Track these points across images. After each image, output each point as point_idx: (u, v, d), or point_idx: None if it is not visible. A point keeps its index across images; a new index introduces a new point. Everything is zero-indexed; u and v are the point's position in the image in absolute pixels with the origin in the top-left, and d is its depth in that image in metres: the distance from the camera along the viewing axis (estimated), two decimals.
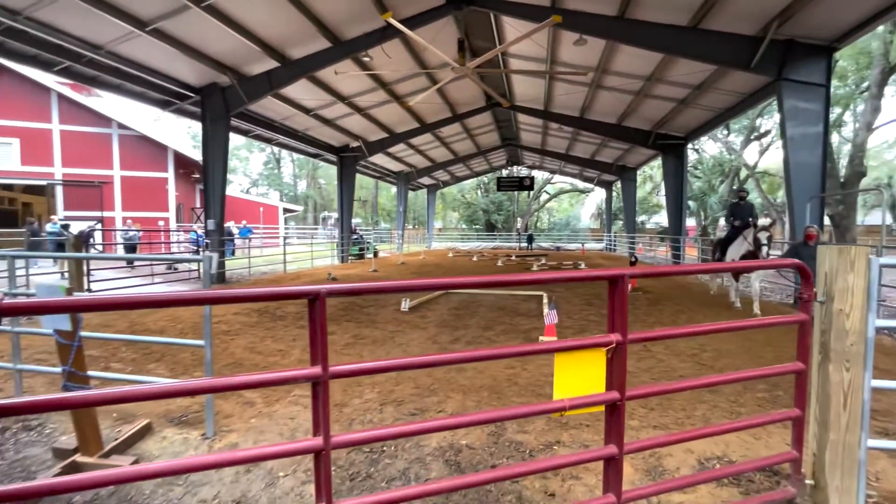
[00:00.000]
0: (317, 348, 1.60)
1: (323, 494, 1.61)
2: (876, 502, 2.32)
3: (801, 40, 8.43)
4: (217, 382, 1.56)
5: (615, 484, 1.94)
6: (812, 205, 8.36)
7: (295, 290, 1.61)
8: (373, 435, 1.78)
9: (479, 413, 1.91)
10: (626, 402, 1.90)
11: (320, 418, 1.60)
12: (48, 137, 17.71)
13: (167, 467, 1.58)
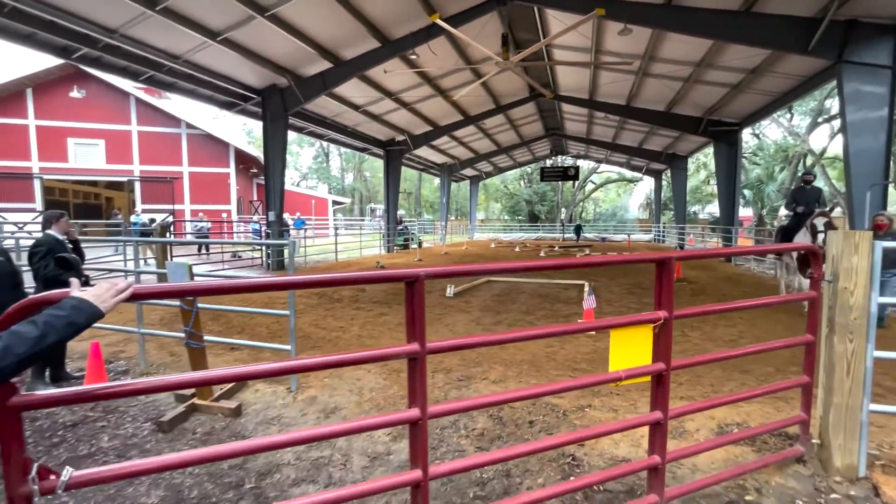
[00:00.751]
0: (414, 326, 1.67)
1: (419, 461, 1.70)
2: (882, 463, 2.54)
3: (865, 20, 8.01)
4: (329, 360, 1.63)
5: (660, 447, 2.12)
6: (873, 192, 8.01)
7: (396, 274, 1.70)
8: (464, 405, 1.89)
9: (560, 382, 2.10)
10: (670, 372, 2.08)
11: (417, 391, 1.69)
12: (128, 138, 19.63)
13: (303, 436, 1.69)
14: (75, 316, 1.22)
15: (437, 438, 3.00)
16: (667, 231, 27.10)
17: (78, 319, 1.22)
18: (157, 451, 2.91)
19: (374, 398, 3.63)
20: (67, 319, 1.21)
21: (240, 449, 1.63)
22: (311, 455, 2.84)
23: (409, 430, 1.75)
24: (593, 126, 21.67)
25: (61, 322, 1.20)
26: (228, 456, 1.63)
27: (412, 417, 1.69)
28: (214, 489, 2.51)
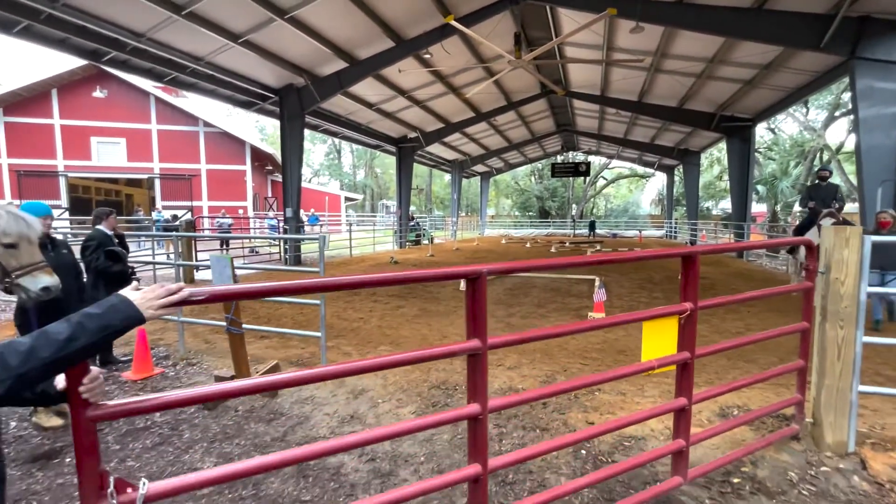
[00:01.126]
0: (476, 323, 1.65)
1: (479, 456, 1.70)
2: (872, 441, 2.75)
3: (878, 16, 8.03)
4: (385, 360, 1.58)
5: (684, 431, 2.22)
6: (884, 189, 8.06)
7: (459, 271, 1.69)
8: (522, 398, 1.96)
9: (602, 374, 2.17)
10: (694, 360, 2.19)
11: (478, 387, 1.68)
12: (148, 136, 20.18)
13: (386, 433, 1.69)
14: (110, 317, 1.08)
15: None
16: (679, 227, 27.01)
17: (113, 321, 1.08)
18: (204, 426, 3.21)
19: (398, 381, 3.91)
20: (101, 321, 1.07)
21: (330, 447, 1.57)
22: (344, 429, 3.13)
23: (468, 425, 1.73)
24: (605, 122, 21.68)
25: (94, 323, 1.07)
26: (319, 455, 1.57)
27: (473, 413, 1.67)
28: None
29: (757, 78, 12.03)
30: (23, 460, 2.79)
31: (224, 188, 21.14)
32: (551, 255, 16.04)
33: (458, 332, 5.52)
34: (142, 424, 3.24)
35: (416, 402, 3.54)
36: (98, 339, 1.07)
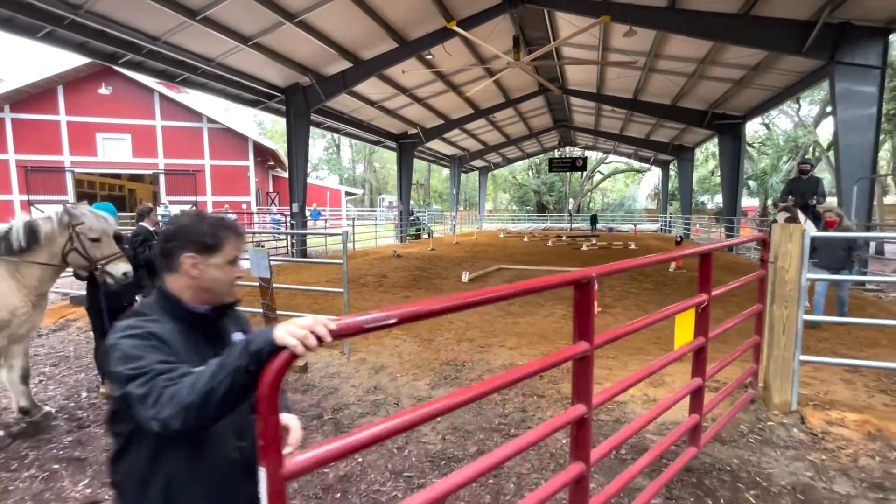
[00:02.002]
0: (585, 326, 1.66)
1: (581, 454, 1.72)
2: (814, 403, 3.29)
3: (856, 23, 8.50)
4: (508, 379, 1.45)
5: (698, 408, 2.52)
6: (860, 186, 8.61)
7: (570, 277, 1.63)
8: (619, 389, 2.07)
9: (651, 366, 2.24)
10: (708, 344, 2.47)
11: (585, 388, 1.69)
12: (152, 132, 20.49)
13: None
14: (253, 337, 0.89)
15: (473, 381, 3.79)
16: (673, 221, 27.58)
17: (241, 361, 0.87)
18: None
19: (413, 360, 4.43)
20: (235, 363, 0.87)
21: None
22: (370, 398, 3.65)
23: (573, 425, 1.71)
24: (601, 118, 22.14)
25: (242, 345, 0.89)
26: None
27: (579, 413, 1.68)
28: (302, 419, 3.32)
29: (746, 78, 12.52)
30: (102, 421, 3.30)
31: (227, 183, 21.50)
32: (548, 248, 16.56)
33: (461, 318, 6.03)
34: None
35: (430, 376, 4.07)
36: (239, 362, 0.86)
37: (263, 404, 0.85)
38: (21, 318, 3.00)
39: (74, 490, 2.51)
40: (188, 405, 0.87)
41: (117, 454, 1.11)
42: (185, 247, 1.13)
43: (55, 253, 3.06)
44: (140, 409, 0.92)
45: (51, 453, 2.88)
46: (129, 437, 1.07)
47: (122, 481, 1.11)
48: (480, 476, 1.42)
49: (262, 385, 0.85)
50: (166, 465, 1.06)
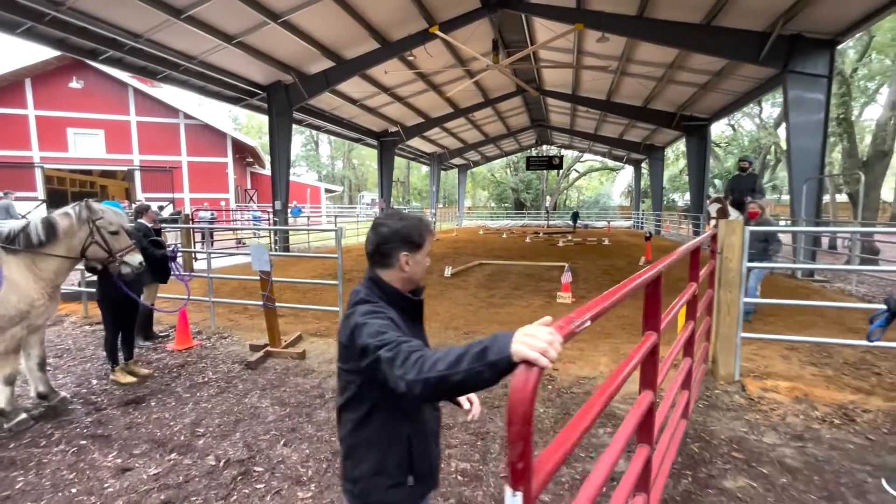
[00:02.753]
0: (655, 318, 1.78)
1: (647, 438, 1.83)
2: (754, 374, 3.82)
3: (807, 35, 9.23)
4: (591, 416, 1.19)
5: (688, 383, 2.81)
6: (809, 185, 9.38)
7: (641, 277, 1.59)
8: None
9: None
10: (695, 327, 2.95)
11: (651, 377, 1.79)
12: (127, 128, 20.11)
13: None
14: (490, 344, 0.91)
15: None
16: (645, 218, 28.63)
17: (476, 365, 0.90)
18: (252, 380, 4.01)
19: None
20: (471, 365, 0.91)
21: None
22: None
23: (643, 412, 1.73)
24: (576, 118, 22.84)
25: (478, 347, 0.92)
26: None
27: (650, 401, 1.74)
28: (306, 398, 3.65)
29: (710, 83, 13.27)
30: (117, 404, 3.55)
31: (205, 180, 21.29)
32: (526, 244, 17.11)
33: (446, 310, 6.41)
34: (201, 380, 4.02)
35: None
36: (474, 365, 0.90)
37: (516, 430, 0.79)
38: (39, 309, 3.22)
39: (105, 461, 2.78)
40: (426, 379, 0.96)
41: (360, 422, 1.28)
42: (400, 247, 1.30)
43: (74, 246, 3.29)
44: (389, 369, 1.05)
45: (75, 432, 3.13)
46: (374, 406, 1.26)
47: (366, 441, 1.29)
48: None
49: (514, 413, 0.79)
50: (408, 426, 1.29)
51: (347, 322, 1.24)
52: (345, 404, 1.32)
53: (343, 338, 1.25)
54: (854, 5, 8.38)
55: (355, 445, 1.31)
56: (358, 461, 1.30)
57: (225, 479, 2.60)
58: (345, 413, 1.32)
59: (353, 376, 1.26)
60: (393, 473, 1.28)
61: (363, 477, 1.29)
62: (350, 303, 1.30)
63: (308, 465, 2.74)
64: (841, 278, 9.13)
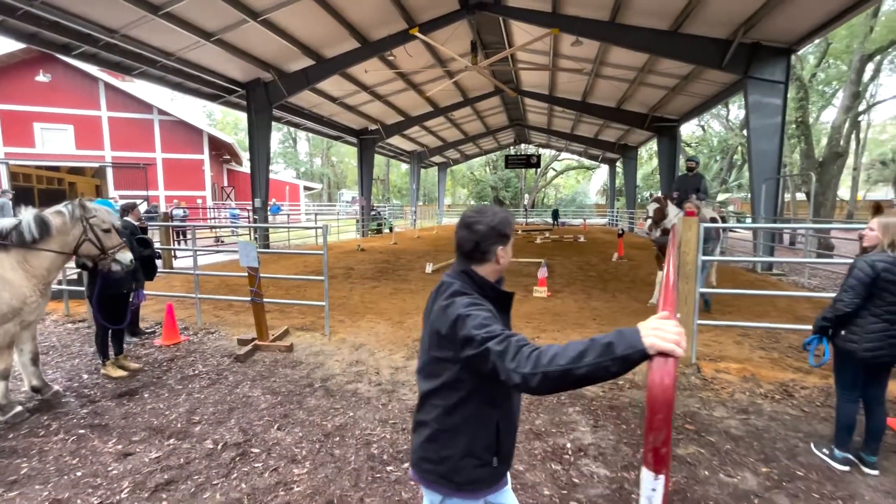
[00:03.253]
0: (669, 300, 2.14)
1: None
2: (710, 358, 4.20)
3: (765, 43, 9.82)
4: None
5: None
6: (767, 185, 9.99)
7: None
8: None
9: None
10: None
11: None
12: (98, 123, 19.57)
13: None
14: (617, 340, 0.96)
15: None
16: (620, 215, 29.47)
17: (603, 360, 0.96)
18: (242, 372, 4.17)
19: (388, 338, 5.02)
20: (598, 359, 0.97)
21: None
22: (353, 370, 4.21)
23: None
24: (553, 118, 23.36)
25: (601, 344, 0.98)
26: None
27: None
28: (296, 387, 3.84)
29: (679, 86, 13.86)
30: (111, 396, 3.66)
31: (181, 177, 20.91)
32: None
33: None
34: (191, 373, 4.16)
35: (404, 350, 4.68)
36: (601, 360, 0.96)
37: (660, 418, 0.84)
38: (31, 306, 3.31)
39: (106, 447, 2.93)
40: (546, 373, 1.00)
41: (451, 407, 1.32)
42: (497, 241, 1.35)
43: (68, 243, 3.40)
44: (500, 362, 1.09)
45: (72, 422, 3.25)
46: (469, 393, 1.30)
47: (457, 426, 1.33)
48: None
49: (657, 402, 0.84)
50: (497, 413, 1.34)
51: (446, 312, 1.26)
52: (435, 390, 1.34)
53: (442, 327, 1.27)
54: (807, 17, 8.97)
55: (444, 429, 1.34)
56: (446, 443, 1.34)
57: (224, 459, 2.78)
58: (433, 398, 1.35)
59: (448, 364, 1.29)
60: (481, 455, 1.34)
61: (451, 458, 1.34)
62: (444, 294, 1.33)
63: (302, 445, 2.95)
64: (796, 272, 9.77)
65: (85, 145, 19.37)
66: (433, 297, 1.40)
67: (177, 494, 2.45)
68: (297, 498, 2.43)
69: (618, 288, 7.97)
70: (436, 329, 1.30)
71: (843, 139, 15.75)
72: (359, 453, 2.85)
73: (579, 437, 3.05)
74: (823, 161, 15.85)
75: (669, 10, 9.65)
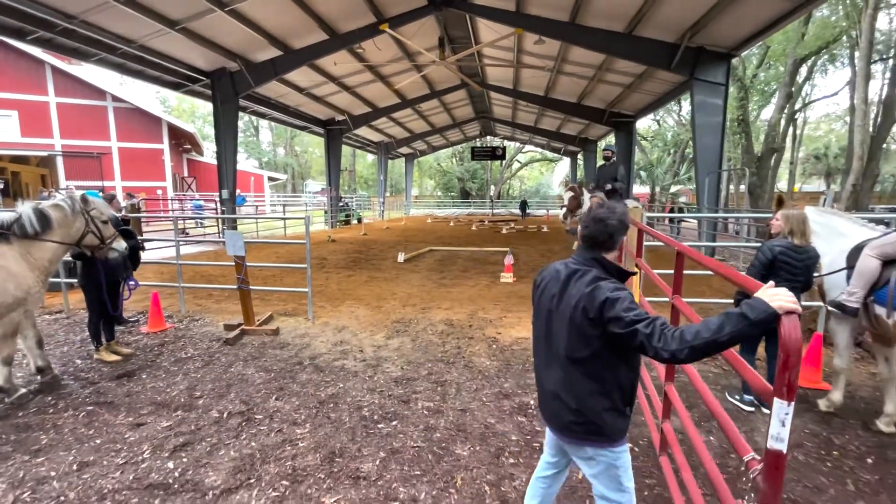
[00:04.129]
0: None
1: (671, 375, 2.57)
2: None
3: (709, 48, 10.69)
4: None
5: None
6: (710, 179, 10.95)
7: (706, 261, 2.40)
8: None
9: None
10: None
11: None
12: (45, 110, 18.50)
13: None
14: (747, 310, 1.21)
15: (419, 332, 4.87)
16: None
17: (741, 326, 1.21)
18: (234, 354, 4.46)
19: (368, 320, 5.41)
20: (736, 327, 1.22)
21: None
22: (338, 349, 4.59)
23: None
24: (518, 112, 24.02)
25: (735, 313, 1.23)
26: None
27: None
28: (287, 365, 4.18)
29: (634, 84, 14.72)
30: (109, 378, 3.89)
31: (139, 168, 20.14)
32: (472, 232, 18.04)
33: (403, 290, 7.06)
34: (185, 355, 4.41)
35: (384, 331, 5.09)
36: (739, 327, 1.22)
37: (793, 360, 1.12)
38: (35, 296, 3.49)
39: (117, 420, 3.20)
40: (693, 346, 1.27)
41: (597, 372, 1.60)
42: (623, 232, 1.65)
43: (71, 235, 3.59)
44: (648, 342, 1.36)
45: (78, 401, 3.48)
46: (611, 360, 1.57)
47: (601, 385, 1.60)
48: None
49: (791, 349, 1.11)
50: (631, 374, 1.63)
51: (593, 295, 1.53)
52: (582, 358, 1.60)
53: (590, 307, 1.53)
54: (745, 24, 9.84)
55: (591, 391, 1.61)
56: (593, 400, 1.61)
57: (231, 425, 3.13)
58: (580, 365, 1.61)
59: (594, 339, 1.56)
60: (619, 408, 1.62)
61: (597, 410, 1.61)
62: (585, 280, 1.60)
63: (300, 412, 3.33)
64: (735, 256, 10.82)
65: (31, 133, 18.29)
66: (563, 282, 1.67)
67: (194, 453, 2.79)
68: (302, 451, 2.82)
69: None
70: (582, 306, 1.55)
71: (779, 136, 17.22)
72: (352, 415, 3.27)
73: None
74: (761, 156, 17.32)
75: (624, 13, 10.32)
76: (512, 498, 2.39)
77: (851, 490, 2.51)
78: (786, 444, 1.19)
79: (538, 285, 1.80)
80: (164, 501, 2.35)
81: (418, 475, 2.58)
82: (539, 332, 1.78)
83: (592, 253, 1.66)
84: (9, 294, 3.29)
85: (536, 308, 1.80)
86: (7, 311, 3.32)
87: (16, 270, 3.34)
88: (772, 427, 1.20)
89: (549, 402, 1.73)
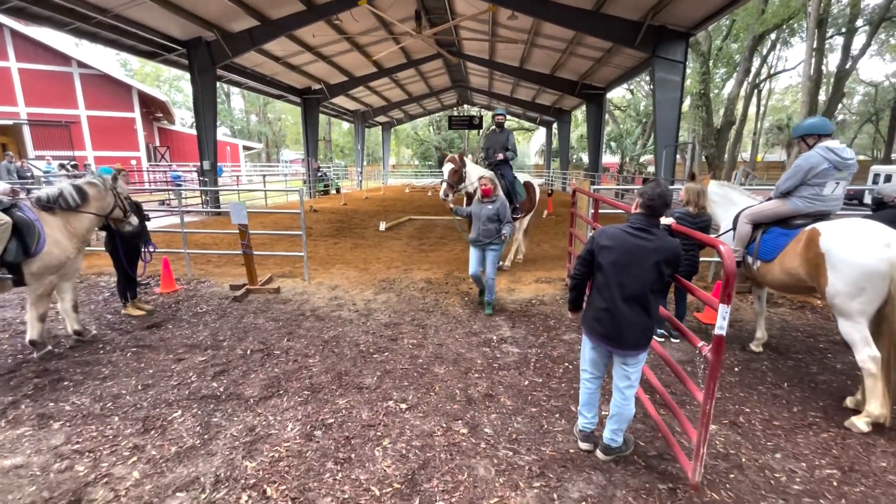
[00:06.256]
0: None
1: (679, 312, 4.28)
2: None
3: (670, 27, 11.39)
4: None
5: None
6: (667, 151, 11.90)
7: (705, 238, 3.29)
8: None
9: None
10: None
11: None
12: (7, 76, 17.85)
13: None
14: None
15: (402, 288, 5.70)
16: (554, 176, 31.65)
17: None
18: (243, 309, 5.19)
19: (357, 280, 6.21)
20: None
21: None
22: (334, 303, 5.38)
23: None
24: (494, 81, 24.33)
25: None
26: None
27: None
28: (291, 316, 4.96)
29: (603, 58, 15.35)
30: (141, 328, 4.59)
31: (110, 137, 19.79)
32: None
33: (386, 255, 7.83)
34: (201, 311, 5.13)
35: (372, 288, 5.89)
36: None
37: (730, 278, 2.70)
38: (73, 261, 4.11)
39: (159, 357, 3.94)
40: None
41: (659, 298, 2.38)
42: (669, 205, 2.37)
43: (104, 208, 4.19)
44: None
45: (121, 345, 4.18)
46: (665, 292, 2.53)
47: (660, 306, 2.58)
48: None
49: (728, 268, 2.75)
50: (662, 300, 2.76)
51: (670, 248, 2.28)
52: (656, 291, 2.33)
53: (670, 258, 2.27)
54: (703, 5, 10.54)
55: (656, 311, 2.40)
56: (657, 314, 2.41)
57: (255, 359, 3.92)
58: (654, 296, 2.34)
59: (665, 283, 2.37)
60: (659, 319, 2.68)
61: (651, 328, 2.38)
62: (662, 236, 2.32)
63: (309, 349, 4.14)
64: None
65: None
66: (636, 241, 2.31)
67: (231, 376, 3.59)
68: (316, 374, 3.65)
69: (542, 239, 9.59)
70: (662, 258, 2.27)
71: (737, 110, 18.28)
72: (352, 350, 4.10)
73: (502, 333, 4.50)
74: (720, 129, 18.41)
75: None
76: (475, 397, 3.30)
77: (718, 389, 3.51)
78: (724, 332, 2.02)
79: (603, 246, 2.38)
80: (216, 406, 3.15)
81: (406, 385, 3.46)
82: (610, 279, 2.35)
83: (651, 220, 2.34)
84: (54, 257, 3.90)
85: (611, 261, 2.35)
86: (49, 273, 3.93)
87: (59, 238, 3.94)
88: (717, 321, 2.01)
89: (626, 329, 2.34)
